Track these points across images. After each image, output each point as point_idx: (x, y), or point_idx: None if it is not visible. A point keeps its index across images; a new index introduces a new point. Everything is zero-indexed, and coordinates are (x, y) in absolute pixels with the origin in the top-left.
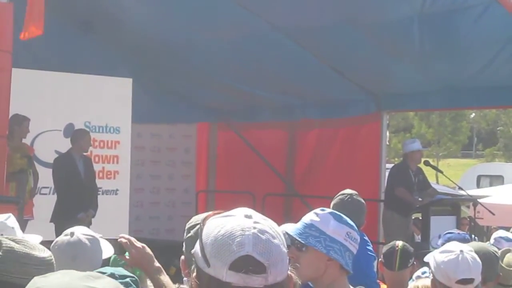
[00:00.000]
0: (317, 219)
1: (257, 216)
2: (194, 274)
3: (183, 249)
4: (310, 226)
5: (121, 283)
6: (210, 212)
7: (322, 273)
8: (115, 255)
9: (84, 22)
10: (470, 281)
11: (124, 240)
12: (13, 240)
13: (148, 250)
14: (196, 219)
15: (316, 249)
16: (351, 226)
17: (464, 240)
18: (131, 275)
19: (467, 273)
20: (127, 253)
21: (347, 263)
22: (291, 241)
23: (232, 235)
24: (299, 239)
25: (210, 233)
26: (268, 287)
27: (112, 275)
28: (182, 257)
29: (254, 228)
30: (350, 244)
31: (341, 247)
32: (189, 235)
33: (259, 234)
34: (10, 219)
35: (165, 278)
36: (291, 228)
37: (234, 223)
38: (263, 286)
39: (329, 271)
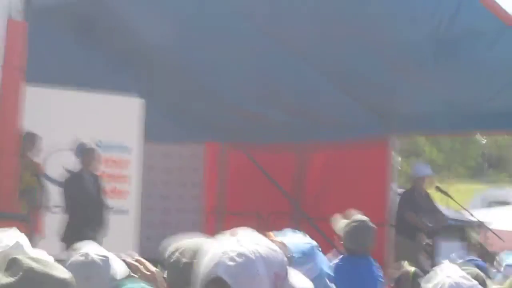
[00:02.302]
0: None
1: (247, 239)
2: None
3: (164, 275)
4: None
5: None
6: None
7: None
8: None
9: (98, 40)
10: None
11: (136, 263)
12: (33, 259)
13: (159, 275)
14: (175, 246)
15: None
16: (302, 263)
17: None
18: None
19: None
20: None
21: None
22: None
23: (213, 257)
24: None
25: None
26: None
27: None
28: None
29: (235, 251)
30: (314, 275)
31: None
32: (172, 260)
33: (236, 257)
34: (21, 237)
35: None
36: None
37: (220, 247)
38: None
39: None
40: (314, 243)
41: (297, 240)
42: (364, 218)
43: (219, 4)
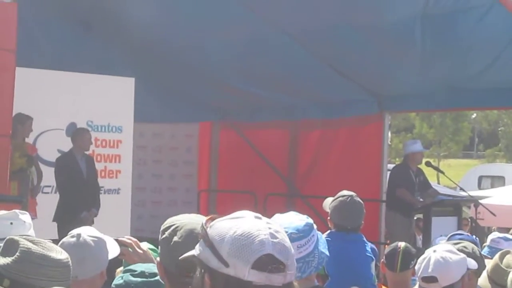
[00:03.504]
0: None
1: (264, 218)
2: (206, 275)
3: (159, 251)
4: None
5: (152, 282)
6: (209, 217)
7: None
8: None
9: (88, 22)
10: (431, 279)
11: (126, 247)
12: (31, 241)
13: (149, 254)
14: (171, 220)
15: None
16: (295, 239)
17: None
18: None
19: (427, 271)
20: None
21: (310, 272)
22: None
23: (251, 235)
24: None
25: (224, 234)
26: (285, 285)
27: (142, 273)
28: (158, 258)
29: (269, 228)
30: (306, 252)
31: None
32: (164, 236)
33: (275, 234)
34: (26, 216)
35: None
36: None
37: (250, 224)
38: (281, 284)
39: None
40: (310, 221)
41: (292, 217)
42: (351, 193)
43: None
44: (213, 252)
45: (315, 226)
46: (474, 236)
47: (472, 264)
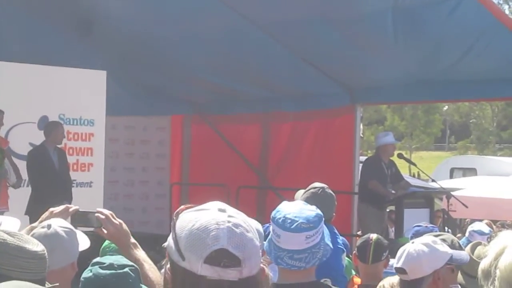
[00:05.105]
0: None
1: (231, 210)
2: (168, 266)
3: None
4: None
5: (120, 273)
6: (182, 206)
7: None
8: (108, 242)
9: (60, 15)
10: (401, 270)
11: (102, 216)
12: (7, 233)
13: (125, 226)
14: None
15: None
16: (305, 229)
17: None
18: (131, 264)
19: (399, 262)
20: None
21: (314, 263)
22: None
23: (206, 228)
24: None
25: (184, 226)
26: (243, 280)
27: (111, 265)
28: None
29: (229, 222)
30: (312, 243)
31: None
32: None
33: (234, 228)
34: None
35: (141, 252)
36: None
37: (209, 217)
38: (238, 279)
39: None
40: (320, 212)
41: (302, 207)
42: (322, 184)
43: None
44: (174, 244)
45: (323, 217)
46: (438, 228)
47: (457, 256)
